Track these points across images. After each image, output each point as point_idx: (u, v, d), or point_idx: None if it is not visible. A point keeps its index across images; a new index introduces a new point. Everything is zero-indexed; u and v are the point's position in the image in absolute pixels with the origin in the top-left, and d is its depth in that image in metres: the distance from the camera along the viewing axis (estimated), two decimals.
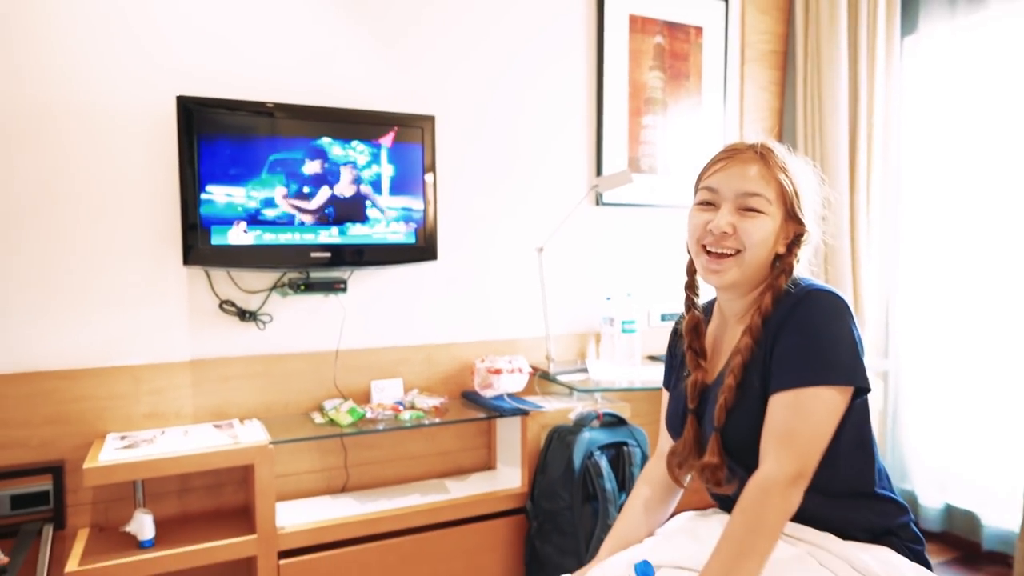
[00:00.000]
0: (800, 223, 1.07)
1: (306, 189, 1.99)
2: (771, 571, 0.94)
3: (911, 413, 2.58)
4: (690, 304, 1.19)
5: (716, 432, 1.04)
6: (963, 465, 2.44)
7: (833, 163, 2.61)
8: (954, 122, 2.45)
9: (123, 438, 1.88)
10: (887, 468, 1.14)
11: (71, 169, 1.87)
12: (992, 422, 2.34)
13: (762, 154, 1.05)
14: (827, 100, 2.65)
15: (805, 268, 1.09)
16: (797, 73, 2.77)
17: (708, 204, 1.07)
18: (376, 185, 2.08)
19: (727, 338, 1.13)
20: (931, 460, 2.53)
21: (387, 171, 2.09)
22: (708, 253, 1.06)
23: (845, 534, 1.02)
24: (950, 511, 2.49)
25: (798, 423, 0.95)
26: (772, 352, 1.01)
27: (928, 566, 1.05)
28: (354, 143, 2.04)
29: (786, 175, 1.05)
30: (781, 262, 1.07)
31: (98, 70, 1.87)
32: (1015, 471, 2.21)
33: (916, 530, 1.07)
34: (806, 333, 0.99)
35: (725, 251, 1.04)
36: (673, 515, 1.22)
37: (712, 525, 1.09)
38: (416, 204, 2.14)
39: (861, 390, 0.99)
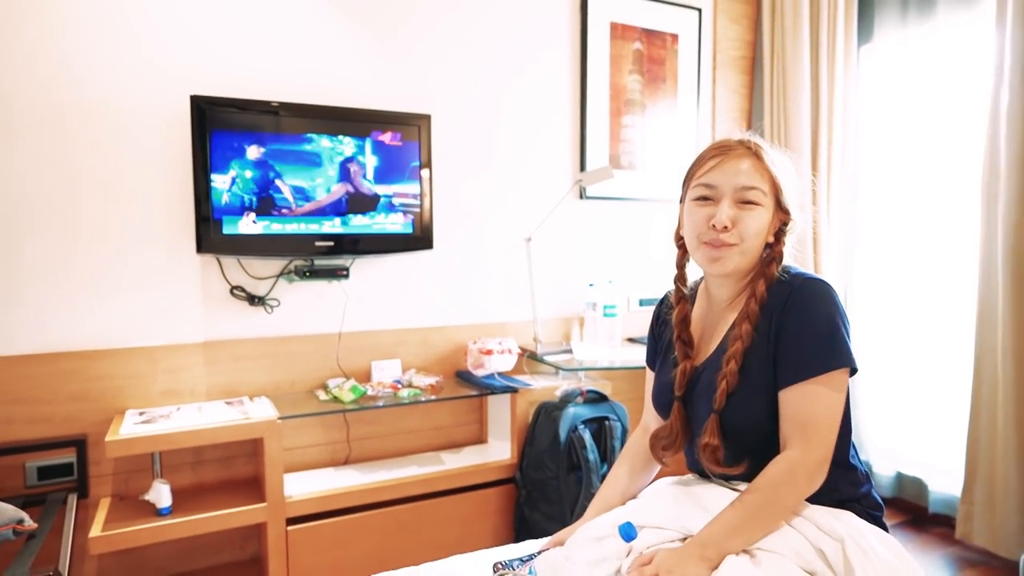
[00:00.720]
0: (786, 212, 1.12)
1: (311, 182, 2.14)
2: None
3: (866, 390, 2.80)
4: (680, 295, 1.22)
5: (716, 415, 1.08)
6: (912, 437, 2.66)
7: (796, 161, 2.82)
8: (906, 123, 2.67)
9: (141, 414, 2.02)
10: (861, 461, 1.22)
11: (91, 164, 1.99)
12: (937, 399, 2.57)
13: (753, 149, 1.11)
14: (791, 102, 2.85)
15: (789, 254, 1.14)
16: (764, 77, 2.98)
17: (707, 199, 1.10)
18: (376, 178, 2.23)
19: (716, 323, 1.18)
20: (884, 433, 2.76)
21: (386, 166, 2.24)
22: (707, 244, 1.10)
23: (814, 499, 1.07)
24: (901, 478, 2.72)
25: (818, 410, 1.02)
26: (776, 342, 1.06)
27: (886, 530, 1.14)
28: (355, 139, 2.18)
29: (773, 166, 1.11)
30: (771, 250, 1.12)
31: (116, 71, 2.00)
32: (957, 443, 2.43)
33: (877, 497, 1.15)
34: (809, 325, 1.04)
35: (727, 242, 1.08)
36: (653, 482, 1.31)
37: (691, 491, 1.15)
38: (413, 196, 2.29)
39: (853, 370, 1.06)
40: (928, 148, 2.59)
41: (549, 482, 2.21)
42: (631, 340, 2.78)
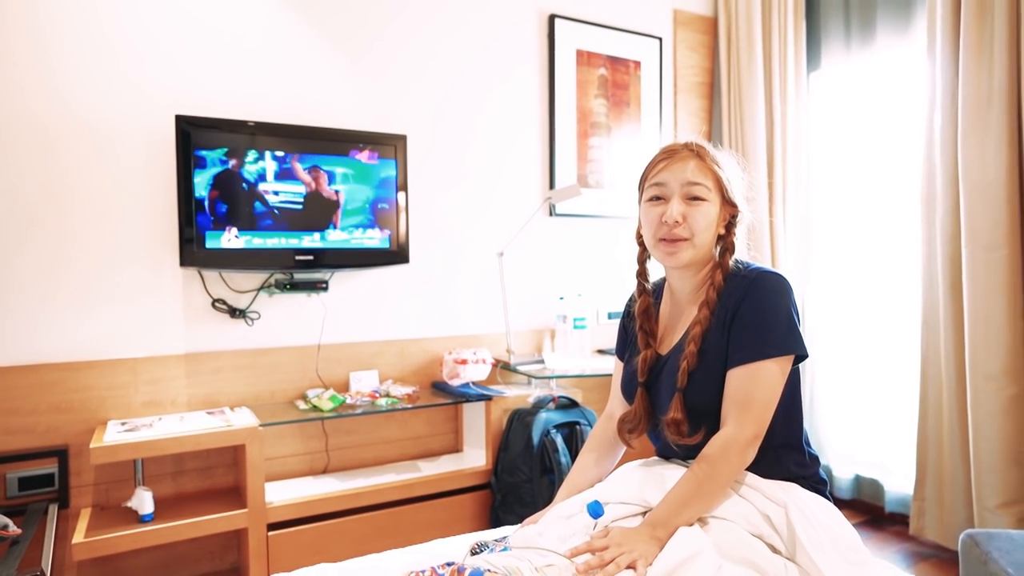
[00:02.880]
0: (733, 205, 1.23)
1: (291, 199, 2.23)
2: None
3: (825, 397, 2.94)
4: (642, 289, 1.31)
5: (679, 392, 1.18)
6: (869, 441, 2.80)
7: (753, 180, 3.00)
8: (853, 143, 2.86)
9: (123, 424, 2.06)
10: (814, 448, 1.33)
11: (77, 179, 2.06)
12: (890, 403, 2.71)
13: (696, 151, 1.21)
14: (748, 125, 3.03)
15: (743, 248, 1.25)
16: (722, 102, 3.16)
17: (658, 199, 1.21)
18: (354, 195, 2.33)
19: (680, 316, 1.27)
20: (842, 438, 2.89)
21: (364, 183, 2.34)
22: (663, 240, 1.20)
23: (765, 475, 1.17)
24: (859, 480, 2.85)
25: (756, 391, 1.12)
26: (730, 326, 1.15)
27: (830, 501, 1.24)
28: (334, 158, 2.29)
29: (717, 165, 1.21)
30: (723, 241, 1.23)
31: (102, 92, 2.08)
32: (910, 445, 2.56)
33: (823, 476, 1.25)
34: (757, 313, 1.13)
35: (679, 236, 1.18)
36: (618, 466, 1.41)
37: (653, 471, 1.27)
38: (390, 213, 2.39)
39: (799, 357, 1.15)
40: (873, 165, 2.78)
41: (523, 485, 2.29)
42: (600, 352, 2.89)
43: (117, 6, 2.09)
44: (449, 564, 0.99)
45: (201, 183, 2.09)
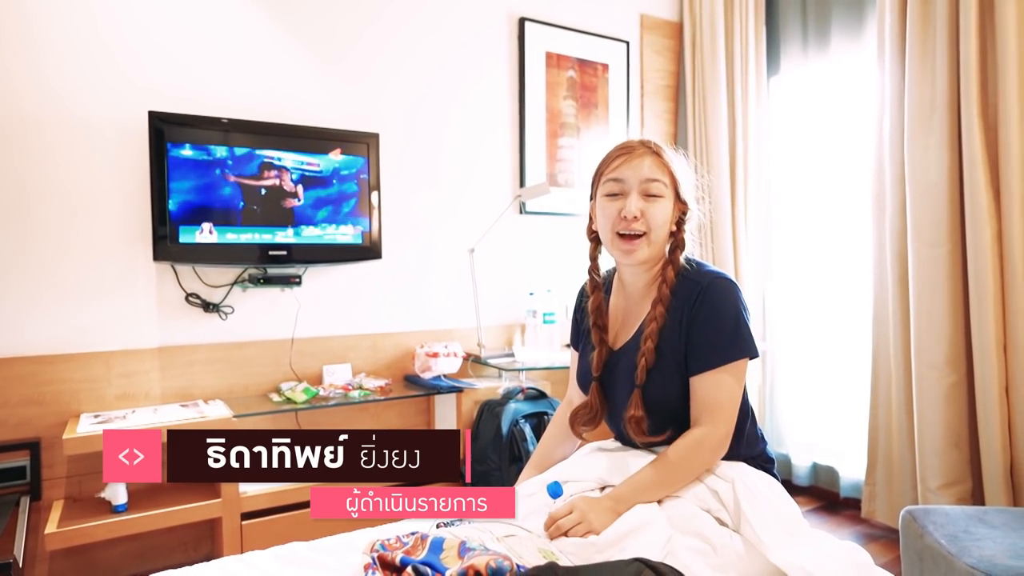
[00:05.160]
0: (684, 203, 1.28)
1: (264, 195, 2.27)
2: None
3: (784, 389, 3.06)
4: (594, 285, 1.35)
5: (638, 389, 1.23)
6: (825, 430, 2.93)
7: (717, 179, 3.11)
8: (810, 143, 2.99)
9: (96, 416, 2.08)
10: (766, 434, 1.41)
11: (50, 172, 2.08)
12: (845, 393, 2.84)
13: (653, 149, 1.27)
14: (712, 127, 3.14)
15: (694, 246, 1.31)
16: (687, 104, 3.27)
17: (616, 195, 1.25)
18: (327, 192, 2.37)
19: (632, 311, 1.32)
20: (800, 427, 3.01)
21: (337, 180, 2.39)
22: (620, 236, 1.24)
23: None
24: (816, 468, 2.97)
25: (722, 395, 1.19)
26: (687, 335, 1.21)
27: (777, 479, 1.32)
28: (307, 155, 2.33)
29: (672, 164, 1.27)
30: (674, 238, 1.28)
31: (75, 86, 2.10)
32: (863, 433, 2.68)
33: (770, 454, 1.33)
34: (716, 320, 1.20)
35: (635, 232, 1.23)
36: (581, 446, 1.47)
37: (615, 457, 1.32)
38: (362, 209, 2.44)
39: (753, 356, 1.23)
40: (829, 166, 2.91)
41: (492, 474, 2.36)
42: (569, 346, 2.96)
43: (95, 2, 2.11)
44: (412, 533, 1.05)
45: (174, 178, 2.12)
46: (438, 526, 1.24)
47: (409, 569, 0.95)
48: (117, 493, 1.99)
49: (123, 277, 2.18)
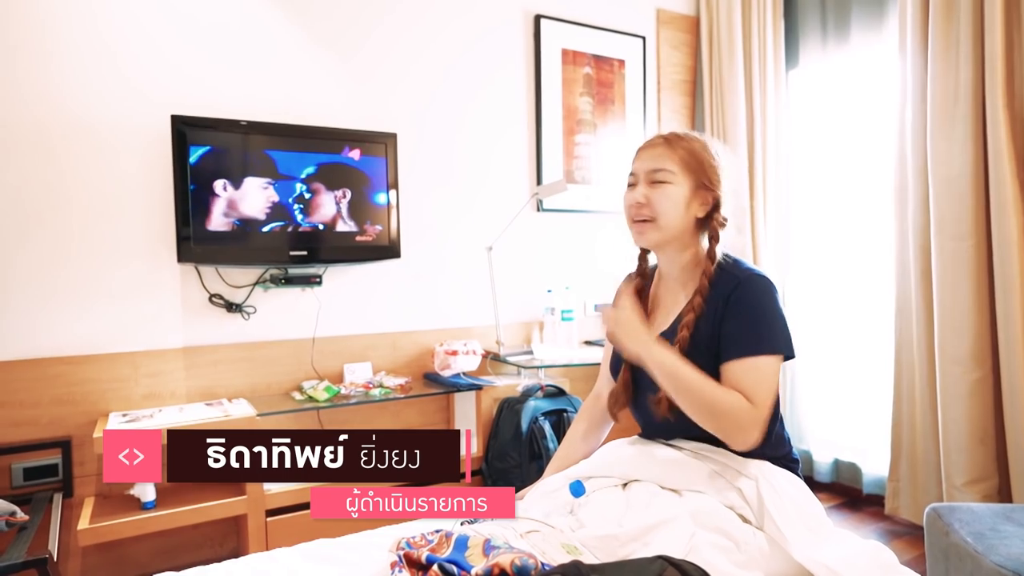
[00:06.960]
0: (710, 190, 1.28)
1: (283, 196, 2.29)
2: (672, 469, 1.22)
3: (806, 386, 3.04)
4: (640, 270, 1.42)
5: None
6: (847, 426, 2.90)
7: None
8: (831, 137, 2.96)
9: (124, 415, 2.12)
10: (788, 431, 1.40)
11: (77, 178, 2.12)
12: (868, 389, 2.81)
13: (667, 139, 1.30)
14: (730, 122, 3.12)
15: (732, 233, 1.30)
16: (704, 99, 3.25)
17: (631, 185, 1.32)
18: (346, 192, 2.39)
19: (669, 299, 1.35)
20: (822, 424, 2.99)
21: (356, 180, 2.41)
22: (633, 222, 1.31)
23: (743, 456, 1.23)
24: (838, 464, 2.95)
25: (758, 380, 1.17)
26: (721, 323, 1.21)
27: (800, 478, 1.31)
28: (327, 156, 2.35)
29: (686, 150, 1.27)
30: (708, 228, 1.29)
31: (100, 93, 2.14)
32: (886, 429, 2.66)
33: (796, 455, 1.31)
34: (752, 310, 1.20)
35: (643, 217, 1.28)
36: (605, 443, 1.47)
37: (642, 449, 1.33)
38: (381, 209, 2.46)
39: (787, 357, 1.22)
40: (850, 160, 2.88)
41: (512, 471, 2.37)
42: (588, 343, 2.97)
43: (114, 10, 2.15)
44: (437, 531, 1.07)
45: (196, 180, 2.15)
46: (462, 523, 1.25)
47: (435, 567, 0.96)
48: (146, 490, 2.03)
49: (148, 279, 2.22)
